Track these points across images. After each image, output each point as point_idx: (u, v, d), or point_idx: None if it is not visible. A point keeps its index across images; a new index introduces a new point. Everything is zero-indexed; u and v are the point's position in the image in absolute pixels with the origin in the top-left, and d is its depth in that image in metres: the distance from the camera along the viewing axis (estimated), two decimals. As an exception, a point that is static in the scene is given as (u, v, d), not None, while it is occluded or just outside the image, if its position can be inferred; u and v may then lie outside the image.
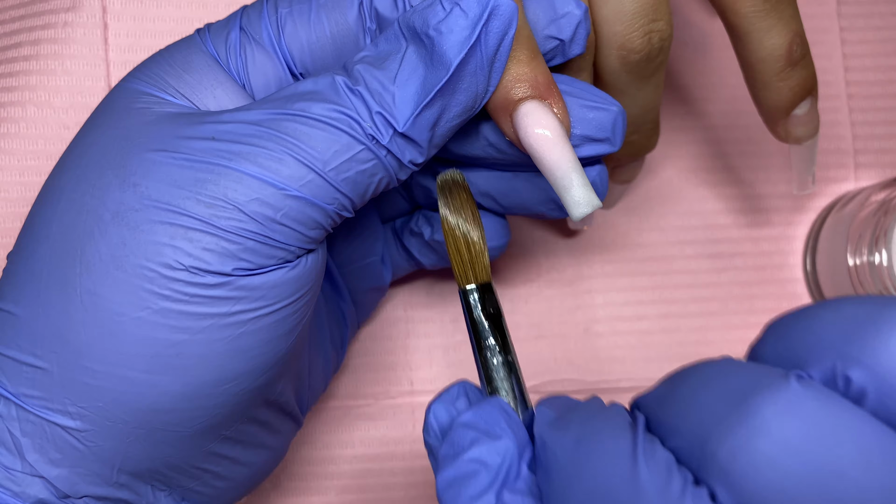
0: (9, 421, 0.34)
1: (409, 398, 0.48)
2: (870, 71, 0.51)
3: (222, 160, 0.32)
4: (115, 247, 0.32)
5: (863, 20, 0.51)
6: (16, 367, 0.33)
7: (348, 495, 0.47)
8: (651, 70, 0.39)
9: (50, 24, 0.45)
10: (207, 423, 0.34)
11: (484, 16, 0.33)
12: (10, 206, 0.45)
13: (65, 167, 0.35)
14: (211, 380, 0.33)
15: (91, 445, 0.34)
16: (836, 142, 0.50)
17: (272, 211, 0.32)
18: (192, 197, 0.32)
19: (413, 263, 0.46)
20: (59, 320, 0.33)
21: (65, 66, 0.45)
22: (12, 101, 0.45)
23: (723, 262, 0.50)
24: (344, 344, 0.45)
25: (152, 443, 0.34)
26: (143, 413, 0.33)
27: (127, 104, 0.35)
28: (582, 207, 0.34)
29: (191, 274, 0.32)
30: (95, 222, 0.33)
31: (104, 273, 0.32)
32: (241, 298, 0.33)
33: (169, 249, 0.32)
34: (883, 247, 0.45)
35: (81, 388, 0.33)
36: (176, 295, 0.32)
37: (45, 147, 0.45)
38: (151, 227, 0.32)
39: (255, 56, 0.37)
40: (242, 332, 0.33)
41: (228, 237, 0.32)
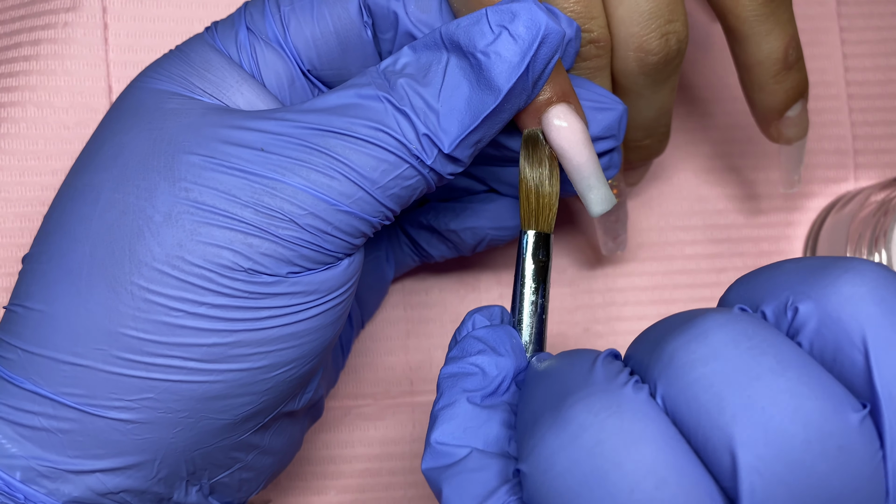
0: (46, 420, 0.34)
1: (409, 398, 0.48)
2: (869, 71, 0.51)
3: (275, 174, 0.33)
4: (171, 247, 0.33)
5: (863, 20, 0.51)
6: (53, 366, 0.34)
7: (348, 495, 0.47)
8: (668, 72, 0.39)
9: (50, 24, 0.45)
10: (253, 410, 0.36)
11: (535, 44, 0.33)
12: (9, 206, 0.45)
13: (96, 166, 0.35)
14: (265, 365, 0.35)
15: (136, 438, 0.34)
16: (835, 142, 0.51)
17: (324, 224, 0.34)
18: (250, 207, 0.33)
19: (419, 257, 0.46)
20: (105, 318, 0.33)
21: (65, 67, 0.45)
22: (12, 101, 0.45)
23: (723, 262, 0.50)
24: (349, 345, 0.46)
25: (196, 432, 0.35)
26: (194, 401, 0.34)
27: (157, 104, 0.36)
28: (603, 205, 0.37)
29: (248, 274, 0.33)
30: (145, 223, 0.33)
31: (159, 273, 0.33)
32: (295, 293, 0.34)
33: (228, 252, 0.33)
34: (882, 247, 0.45)
35: (130, 381, 0.33)
36: (234, 293, 0.33)
37: (45, 147, 0.45)
38: (209, 230, 0.33)
39: (266, 55, 0.37)
40: (297, 321, 0.35)
41: (285, 244, 0.33)
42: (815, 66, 0.50)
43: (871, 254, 0.45)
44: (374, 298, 0.46)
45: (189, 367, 0.33)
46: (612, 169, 0.39)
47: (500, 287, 0.49)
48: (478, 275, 0.49)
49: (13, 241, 0.45)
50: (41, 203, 0.45)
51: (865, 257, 0.46)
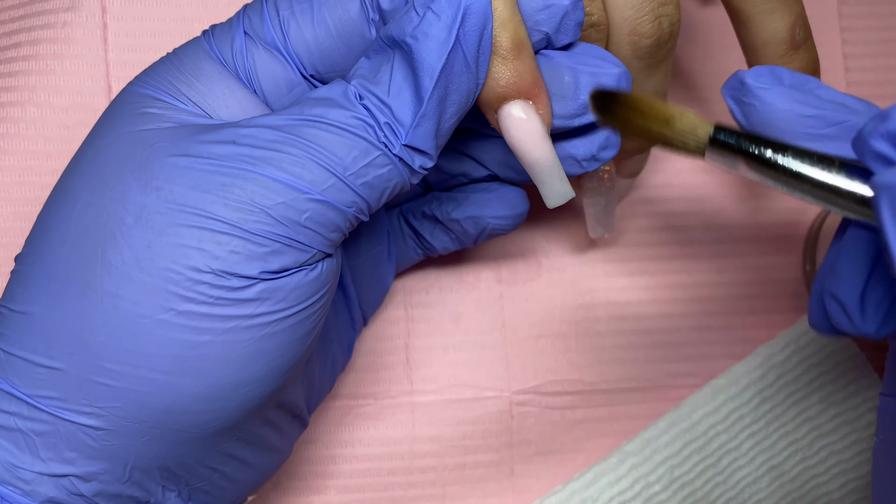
0: (21, 420, 0.34)
1: (409, 398, 0.48)
2: (870, 71, 0.51)
3: (246, 165, 0.33)
4: (140, 249, 0.33)
5: (863, 20, 0.51)
6: (29, 368, 0.34)
7: (348, 495, 0.47)
8: (661, 56, 0.39)
9: (49, 23, 0.45)
10: (223, 426, 0.35)
11: (458, 17, 0.33)
12: (10, 206, 0.45)
13: (78, 170, 0.35)
14: (231, 382, 0.34)
15: (106, 444, 0.34)
16: (835, 141, 0.50)
17: (297, 214, 0.33)
18: (219, 201, 0.33)
19: (423, 250, 0.46)
20: (77, 322, 0.33)
21: (64, 66, 0.45)
22: (12, 101, 0.45)
23: (723, 262, 0.50)
24: (351, 346, 0.45)
25: (166, 443, 0.34)
26: (160, 414, 0.34)
27: (139, 108, 0.35)
28: (558, 199, 0.37)
29: (217, 277, 0.33)
30: (117, 225, 0.33)
31: (127, 276, 0.33)
32: (264, 300, 0.33)
33: (196, 252, 0.32)
34: (882, 247, 0.45)
35: (99, 388, 0.33)
36: (201, 297, 0.33)
37: (44, 147, 0.45)
38: (178, 230, 0.33)
39: (264, 60, 0.37)
40: (264, 335, 0.34)
41: (256, 240, 0.33)
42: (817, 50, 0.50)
43: (870, 254, 0.45)
44: (375, 297, 0.46)
45: (152, 378, 0.33)
46: (609, 149, 0.39)
47: (500, 286, 0.49)
48: (478, 274, 0.49)
49: (12, 241, 0.45)
50: (40, 203, 0.44)
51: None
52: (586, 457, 0.48)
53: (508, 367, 0.48)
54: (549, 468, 0.48)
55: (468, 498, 0.47)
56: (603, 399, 0.49)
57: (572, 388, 0.48)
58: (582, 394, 0.49)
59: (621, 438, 0.49)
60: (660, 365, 0.49)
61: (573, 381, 0.49)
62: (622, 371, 0.49)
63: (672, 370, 0.49)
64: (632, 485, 0.47)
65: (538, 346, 0.49)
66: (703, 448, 0.48)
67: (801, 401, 0.49)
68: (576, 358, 0.49)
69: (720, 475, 0.48)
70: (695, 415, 0.48)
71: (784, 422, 0.49)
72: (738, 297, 0.49)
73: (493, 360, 0.48)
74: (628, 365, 0.49)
